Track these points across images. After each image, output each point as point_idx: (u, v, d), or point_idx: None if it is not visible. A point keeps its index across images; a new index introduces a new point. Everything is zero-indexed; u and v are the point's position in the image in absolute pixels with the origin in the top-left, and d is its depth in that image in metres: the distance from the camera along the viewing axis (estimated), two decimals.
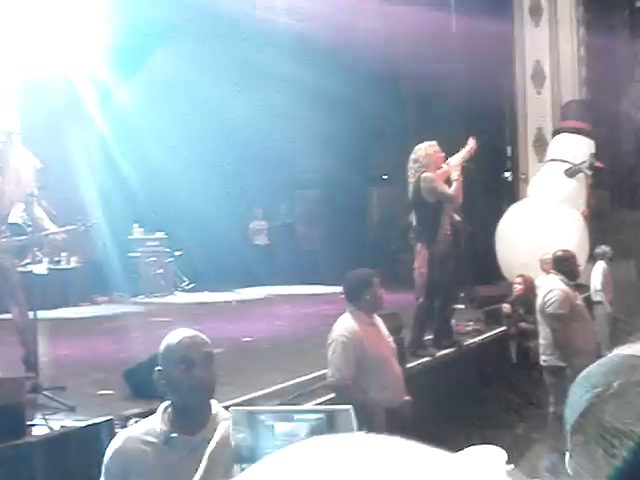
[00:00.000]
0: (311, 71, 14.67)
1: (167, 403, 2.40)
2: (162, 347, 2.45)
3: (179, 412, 2.37)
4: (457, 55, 14.06)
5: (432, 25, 13.60)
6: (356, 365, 4.48)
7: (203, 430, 2.32)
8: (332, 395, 5.21)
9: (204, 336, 2.49)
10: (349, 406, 1.70)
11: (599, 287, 8.81)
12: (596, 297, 8.75)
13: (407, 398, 4.80)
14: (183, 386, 2.35)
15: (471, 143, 7.16)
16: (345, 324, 4.60)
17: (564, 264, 6.32)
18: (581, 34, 13.74)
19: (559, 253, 6.49)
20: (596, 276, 8.91)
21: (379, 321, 4.85)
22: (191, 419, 2.37)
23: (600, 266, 8.96)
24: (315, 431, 1.56)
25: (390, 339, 4.92)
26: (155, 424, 2.36)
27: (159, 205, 13.95)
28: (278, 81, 14.48)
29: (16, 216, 5.42)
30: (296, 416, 1.67)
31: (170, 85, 14.27)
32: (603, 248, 9.22)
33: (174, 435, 2.32)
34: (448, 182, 6.80)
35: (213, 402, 2.43)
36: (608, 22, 14.92)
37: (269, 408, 1.60)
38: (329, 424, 1.66)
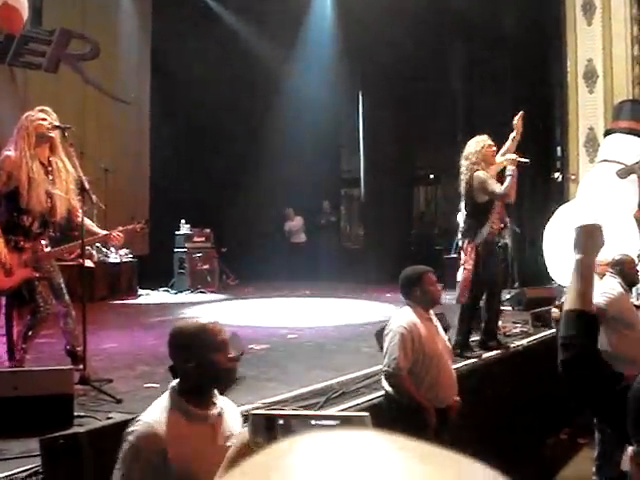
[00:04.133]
0: (355, 67, 14.73)
1: (175, 384, 2.59)
2: (190, 332, 2.62)
3: (199, 391, 2.58)
4: (507, 52, 13.93)
5: (482, 19, 13.50)
6: (413, 358, 4.47)
7: (216, 405, 2.59)
8: (375, 395, 5.20)
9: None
10: (366, 413, 1.69)
11: None
12: (638, 301, 8.43)
13: (457, 399, 4.77)
14: (216, 369, 2.56)
15: (517, 123, 6.91)
16: (405, 316, 4.64)
17: (623, 267, 6.24)
18: (635, 32, 13.46)
19: (618, 256, 6.39)
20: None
21: (435, 319, 4.87)
22: (207, 397, 2.59)
23: None
24: None
25: (446, 338, 4.92)
26: (174, 404, 2.53)
27: (206, 201, 14.11)
28: (323, 73, 14.53)
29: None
30: (313, 421, 1.67)
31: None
32: None
33: (198, 411, 2.54)
34: (502, 176, 6.68)
35: None
36: None
37: (287, 413, 1.60)
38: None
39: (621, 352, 5.74)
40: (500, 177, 6.69)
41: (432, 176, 15.90)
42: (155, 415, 2.51)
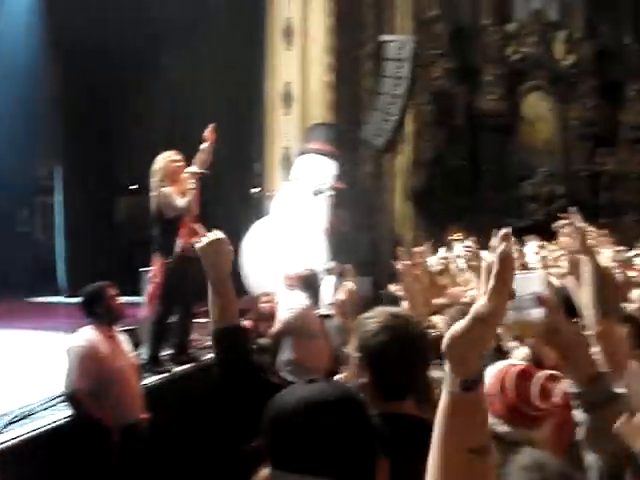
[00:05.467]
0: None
1: None
2: None
3: None
4: (210, 67, 14.19)
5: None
6: (94, 378, 4.41)
7: None
8: (59, 417, 5.00)
9: None
10: None
11: (329, 301, 9.00)
12: (326, 311, 8.94)
13: (144, 416, 4.79)
14: None
15: (208, 135, 6.69)
16: (84, 335, 4.61)
17: (309, 282, 6.63)
18: (330, 61, 14.43)
19: (305, 272, 6.79)
20: (326, 291, 9.06)
21: (121, 335, 4.92)
22: None
23: (330, 281, 9.17)
24: None
25: (132, 354, 4.94)
26: None
27: None
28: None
29: None
30: None
31: None
32: (331, 264, 9.53)
33: None
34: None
35: None
36: (355, 52, 15.82)
37: None
38: None
39: (306, 362, 6.10)
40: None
41: (133, 187, 15.64)
42: None
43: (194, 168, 6.64)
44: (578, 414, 1.47)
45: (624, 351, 2.39)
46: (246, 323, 7.98)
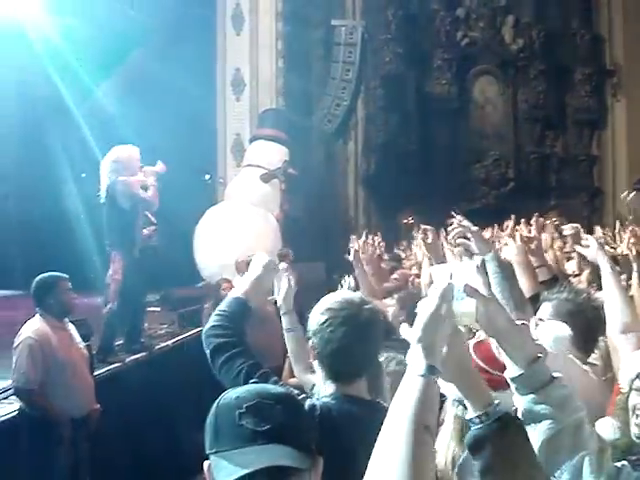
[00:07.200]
0: None
1: None
2: None
3: None
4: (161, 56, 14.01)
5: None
6: (43, 370, 4.36)
7: None
8: (9, 410, 4.94)
9: None
10: None
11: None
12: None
13: (96, 407, 4.76)
14: None
15: (160, 166, 6.92)
16: (34, 326, 4.52)
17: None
18: (280, 46, 14.38)
19: (252, 257, 6.77)
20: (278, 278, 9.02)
21: (71, 327, 4.83)
22: None
23: (282, 267, 9.11)
24: None
25: (82, 346, 4.88)
26: None
27: None
28: None
29: None
30: None
31: None
32: (283, 250, 9.53)
33: None
34: (144, 188, 6.66)
35: None
36: (305, 37, 15.79)
37: None
38: None
39: (258, 345, 6.09)
40: None
41: (84, 175, 15.40)
42: None
43: (157, 167, 6.70)
44: (516, 397, 1.51)
45: None
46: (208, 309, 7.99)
